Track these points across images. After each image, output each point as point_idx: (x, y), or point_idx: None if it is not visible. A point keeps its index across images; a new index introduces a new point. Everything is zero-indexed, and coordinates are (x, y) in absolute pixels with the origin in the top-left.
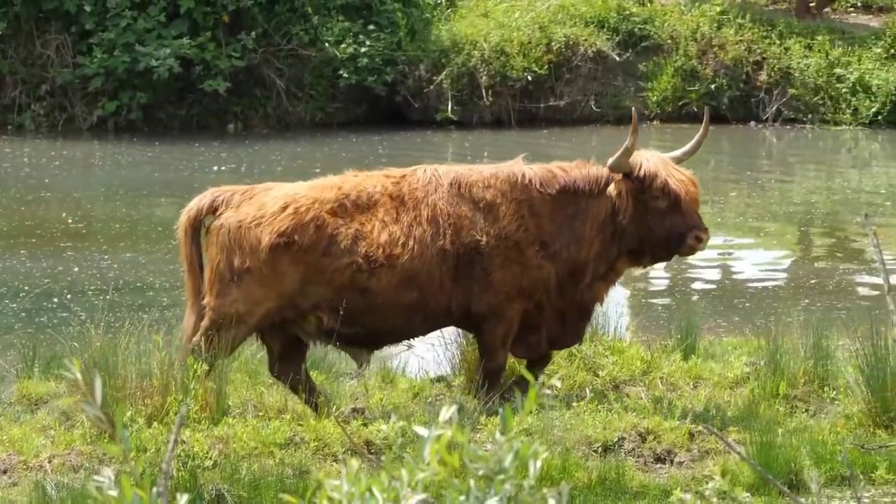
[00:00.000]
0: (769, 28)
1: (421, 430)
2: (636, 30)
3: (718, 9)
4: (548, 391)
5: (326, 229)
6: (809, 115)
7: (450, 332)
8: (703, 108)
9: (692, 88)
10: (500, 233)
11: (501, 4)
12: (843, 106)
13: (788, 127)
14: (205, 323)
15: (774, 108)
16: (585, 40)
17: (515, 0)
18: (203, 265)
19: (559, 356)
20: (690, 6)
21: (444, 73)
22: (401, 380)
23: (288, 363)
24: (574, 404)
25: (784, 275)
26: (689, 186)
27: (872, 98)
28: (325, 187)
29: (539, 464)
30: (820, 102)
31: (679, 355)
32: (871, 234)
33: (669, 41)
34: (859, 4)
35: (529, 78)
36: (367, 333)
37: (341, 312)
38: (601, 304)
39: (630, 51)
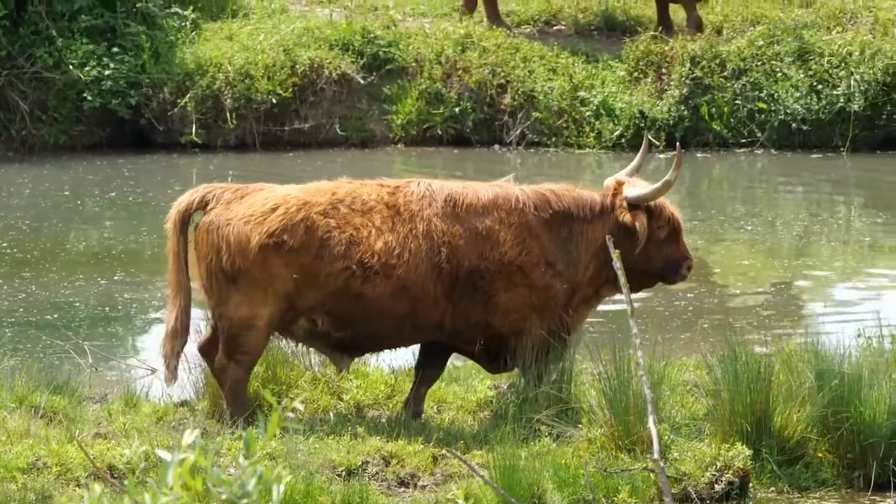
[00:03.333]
0: (513, 51)
1: (164, 455)
2: (381, 53)
3: (463, 31)
4: (291, 415)
5: (317, 231)
6: (553, 139)
7: (193, 355)
8: (448, 131)
9: (436, 111)
10: (501, 258)
11: (246, 27)
12: (587, 129)
13: (532, 150)
14: (222, 340)
15: (518, 132)
16: (330, 63)
17: (260, 23)
18: (188, 260)
19: (302, 379)
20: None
21: (189, 95)
22: (144, 404)
23: None
24: (318, 428)
25: None
26: (679, 216)
27: (616, 121)
28: (318, 191)
29: (282, 488)
30: (563, 126)
31: None
32: (615, 257)
33: (414, 64)
34: (603, 27)
35: (274, 101)
36: (355, 338)
37: (334, 317)
38: (577, 330)
39: (375, 74)
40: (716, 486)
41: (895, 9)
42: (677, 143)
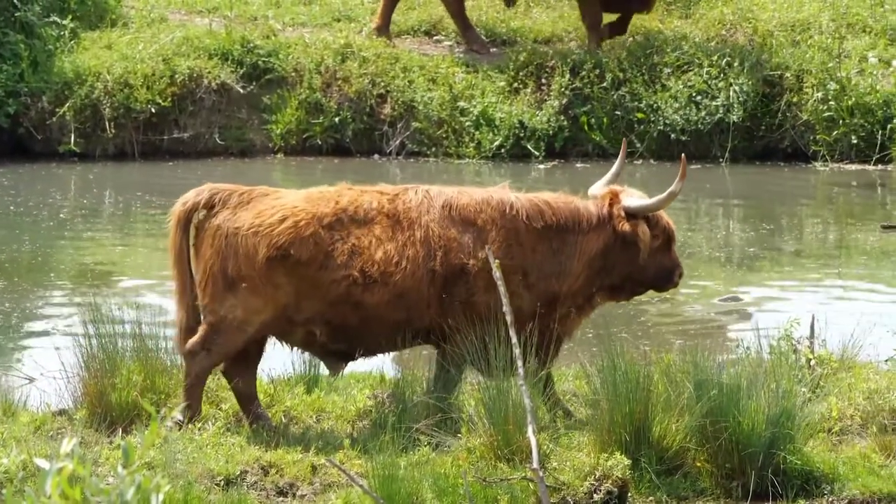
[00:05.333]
0: (393, 61)
1: (42, 464)
2: (260, 62)
3: (343, 41)
4: (170, 424)
5: (324, 245)
6: (433, 149)
7: (72, 364)
8: (328, 141)
9: (316, 121)
10: (487, 257)
11: (125, 36)
12: (467, 139)
13: (412, 160)
14: (204, 329)
15: (398, 142)
16: (209, 72)
17: (139, 32)
18: (191, 259)
19: (181, 389)
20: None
21: (68, 104)
22: (22, 413)
23: (240, 366)
24: (197, 437)
25: None
26: (673, 225)
27: (495, 131)
28: (321, 200)
29: (161, 497)
30: (443, 136)
31: (302, 388)
32: (494, 267)
33: (294, 74)
34: (484, 37)
35: (153, 110)
36: (350, 348)
37: (332, 328)
38: (570, 337)
39: (254, 83)
40: (595, 495)
41: (774, 20)
42: (682, 155)
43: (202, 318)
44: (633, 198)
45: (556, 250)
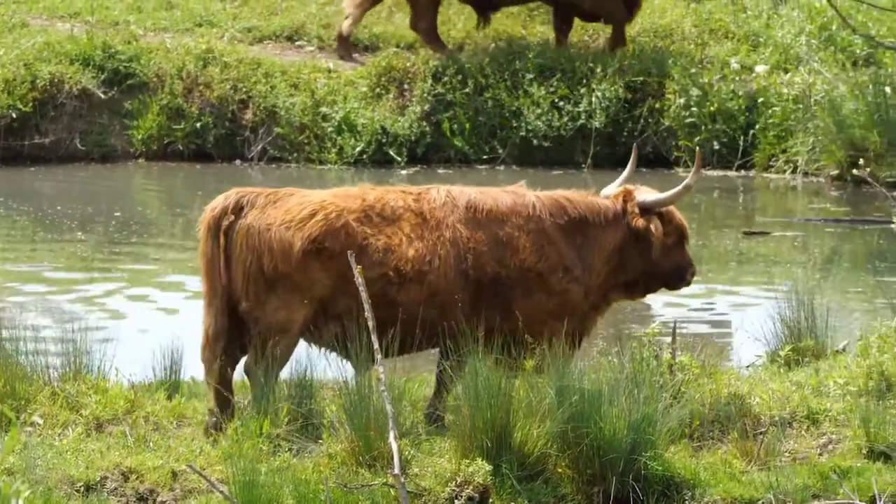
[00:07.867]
0: (255, 67)
1: None
2: (122, 67)
3: (204, 47)
4: (29, 429)
5: (356, 238)
6: (295, 154)
7: None
8: (189, 146)
9: (178, 127)
10: (521, 265)
11: None
12: (329, 145)
13: (274, 165)
14: (255, 340)
15: (260, 147)
16: (71, 78)
17: None
18: (222, 265)
19: (41, 395)
20: (176, 45)
21: None
22: None
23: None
24: (56, 443)
25: None
26: (686, 223)
27: (357, 137)
28: (348, 196)
29: (20, 502)
30: (305, 141)
31: (163, 394)
32: (356, 273)
33: (155, 79)
34: (357, 45)
35: (14, 115)
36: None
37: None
38: (588, 335)
39: (116, 88)
40: (456, 501)
41: (637, 25)
42: (697, 148)
43: (250, 329)
44: (650, 193)
45: (580, 245)
